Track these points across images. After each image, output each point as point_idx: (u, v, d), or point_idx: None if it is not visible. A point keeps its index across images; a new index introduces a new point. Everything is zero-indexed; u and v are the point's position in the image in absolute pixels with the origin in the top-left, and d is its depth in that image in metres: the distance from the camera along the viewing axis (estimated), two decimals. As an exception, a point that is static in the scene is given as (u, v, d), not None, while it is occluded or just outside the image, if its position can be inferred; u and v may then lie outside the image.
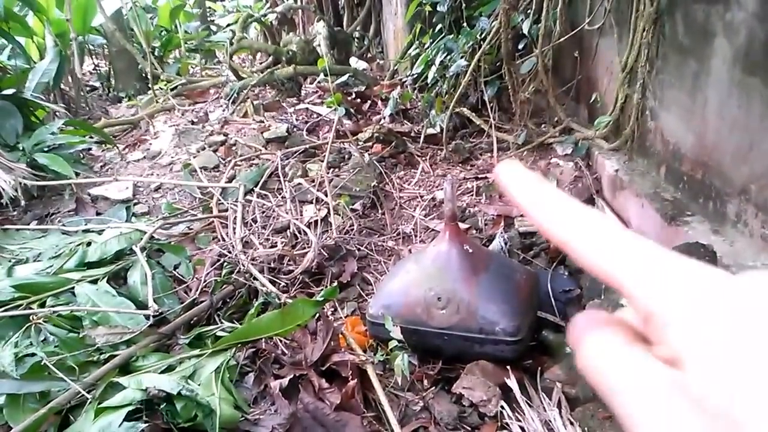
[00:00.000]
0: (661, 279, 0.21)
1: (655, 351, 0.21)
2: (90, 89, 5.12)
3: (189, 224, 2.36)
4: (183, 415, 1.29)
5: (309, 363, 1.51)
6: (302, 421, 1.38)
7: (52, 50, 3.81)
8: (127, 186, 2.71)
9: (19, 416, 1.33)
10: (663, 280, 0.21)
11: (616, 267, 0.23)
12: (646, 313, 0.22)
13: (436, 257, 1.61)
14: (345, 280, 1.99)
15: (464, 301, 1.53)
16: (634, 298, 0.22)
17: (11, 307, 1.68)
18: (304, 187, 2.46)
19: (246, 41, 4.42)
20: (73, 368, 1.43)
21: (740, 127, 1.56)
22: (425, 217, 2.35)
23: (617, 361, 0.22)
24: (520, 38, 2.58)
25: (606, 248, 0.23)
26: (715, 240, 1.63)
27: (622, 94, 2.13)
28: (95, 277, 1.87)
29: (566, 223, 0.24)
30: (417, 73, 3.27)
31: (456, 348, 1.56)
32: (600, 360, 0.22)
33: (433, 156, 2.82)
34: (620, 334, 0.23)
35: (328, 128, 3.09)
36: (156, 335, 1.59)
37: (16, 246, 2.21)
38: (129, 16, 4.70)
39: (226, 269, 1.96)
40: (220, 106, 3.76)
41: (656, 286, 0.21)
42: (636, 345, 0.22)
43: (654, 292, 0.21)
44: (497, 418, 1.40)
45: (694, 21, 1.74)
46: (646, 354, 0.21)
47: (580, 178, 2.36)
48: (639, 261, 0.22)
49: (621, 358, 0.22)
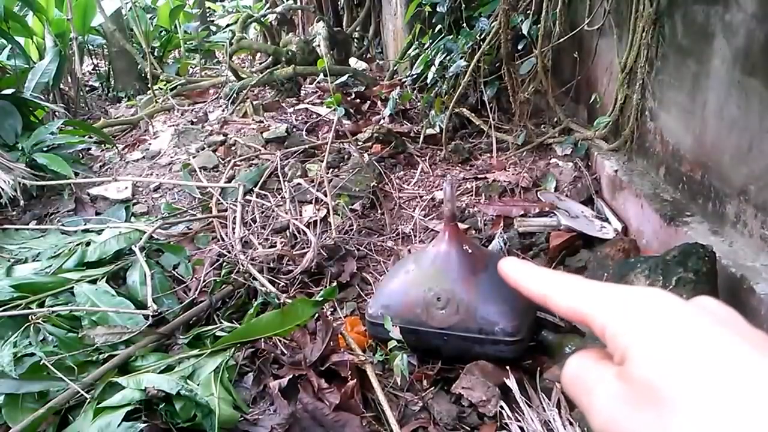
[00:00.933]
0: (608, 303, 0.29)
1: (614, 359, 0.28)
2: (89, 89, 5.13)
3: (188, 224, 2.36)
4: (182, 415, 1.28)
5: (308, 363, 1.51)
6: (301, 422, 1.37)
7: (51, 50, 3.81)
8: (126, 186, 2.71)
9: (18, 416, 1.33)
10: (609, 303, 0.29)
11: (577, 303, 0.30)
12: (601, 331, 0.28)
13: (436, 257, 1.61)
14: (344, 280, 1.99)
15: (464, 301, 1.53)
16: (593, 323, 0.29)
17: (10, 307, 1.68)
18: (303, 187, 2.46)
19: (245, 41, 4.42)
20: (72, 368, 1.43)
21: (739, 127, 1.56)
22: (425, 217, 2.35)
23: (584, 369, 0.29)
24: (520, 39, 2.58)
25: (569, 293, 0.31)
26: (714, 240, 1.63)
27: (621, 95, 2.13)
28: (94, 277, 1.87)
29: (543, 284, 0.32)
30: (416, 74, 3.27)
31: (455, 348, 1.56)
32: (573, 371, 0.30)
33: (432, 156, 2.81)
34: (593, 355, 0.30)
35: (328, 128, 3.09)
36: (155, 335, 1.59)
37: (15, 246, 2.21)
38: (128, 17, 4.70)
39: (226, 269, 1.95)
40: (220, 106, 3.75)
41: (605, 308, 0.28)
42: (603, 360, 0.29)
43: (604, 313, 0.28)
44: (496, 418, 1.40)
45: (693, 22, 1.74)
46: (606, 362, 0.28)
47: (579, 179, 2.36)
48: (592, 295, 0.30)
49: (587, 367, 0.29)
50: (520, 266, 0.35)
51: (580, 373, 0.29)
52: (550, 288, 0.32)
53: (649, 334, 0.26)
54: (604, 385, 0.27)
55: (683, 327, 0.25)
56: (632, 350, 0.26)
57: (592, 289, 0.30)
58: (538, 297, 0.32)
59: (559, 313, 0.31)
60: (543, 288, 0.32)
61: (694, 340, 0.24)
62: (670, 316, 0.26)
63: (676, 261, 1.46)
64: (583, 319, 0.29)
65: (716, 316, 0.26)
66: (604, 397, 0.26)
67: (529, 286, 0.33)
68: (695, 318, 0.25)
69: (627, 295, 0.28)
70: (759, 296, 1.41)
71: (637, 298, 0.28)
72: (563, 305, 0.30)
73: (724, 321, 0.26)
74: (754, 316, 1.43)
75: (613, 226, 2.08)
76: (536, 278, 0.33)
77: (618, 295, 0.29)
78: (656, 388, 0.24)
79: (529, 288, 0.33)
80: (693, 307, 0.26)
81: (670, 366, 0.24)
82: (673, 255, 1.48)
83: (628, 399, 0.25)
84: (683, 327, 0.25)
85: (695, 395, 0.23)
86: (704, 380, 0.23)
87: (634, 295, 0.28)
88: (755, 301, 1.42)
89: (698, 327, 0.25)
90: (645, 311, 0.27)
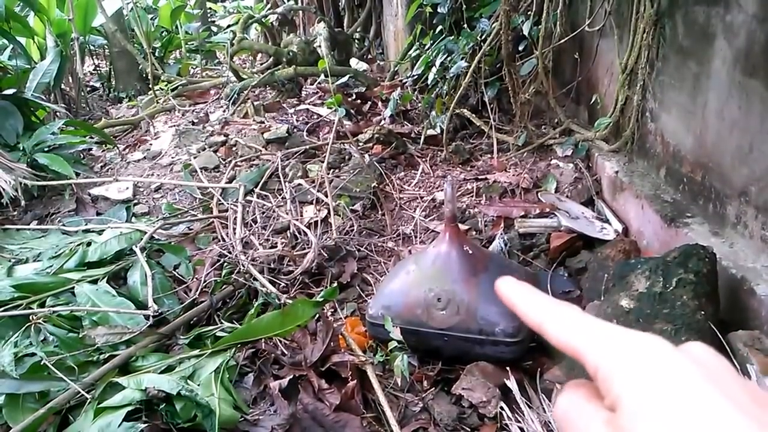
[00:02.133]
0: (603, 345, 0.30)
1: (605, 402, 0.29)
2: (90, 89, 5.13)
3: (189, 225, 2.36)
4: (182, 415, 1.28)
5: (309, 363, 1.51)
6: (302, 422, 1.37)
7: (52, 50, 3.82)
8: (127, 186, 2.71)
9: (19, 416, 1.33)
10: (604, 345, 0.29)
11: (573, 339, 0.31)
12: (594, 372, 0.29)
13: (436, 258, 1.61)
14: (345, 280, 1.99)
15: (464, 302, 1.53)
16: (586, 361, 0.30)
17: (11, 307, 1.68)
18: (304, 187, 2.46)
19: (246, 42, 4.42)
20: (73, 368, 1.43)
21: (740, 128, 1.56)
22: (425, 218, 2.35)
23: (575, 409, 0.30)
24: (521, 40, 2.58)
25: (565, 326, 0.32)
26: (715, 242, 1.63)
27: (622, 96, 2.13)
28: (95, 277, 1.87)
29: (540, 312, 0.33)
30: (417, 75, 3.27)
31: (456, 349, 1.56)
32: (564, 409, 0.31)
33: (433, 157, 2.82)
34: (584, 393, 0.31)
35: (329, 129, 3.09)
36: (156, 335, 1.59)
37: (16, 246, 2.21)
38: (130, 17, 4.71)
39: (226, 270, 1.96)
40: (221, 107, 3.76)
41: (599, 350, 0.29)
42: (594, 400, 0.30)
43: (598, 355, 0.29)
44: (497, 419, 1.40)
45: (694, 23, 1.74)
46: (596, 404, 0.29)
47: (579, 180, 2.36)
48: (588, 332, 0.31)
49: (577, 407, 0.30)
50: (517, 289, 0.35)
51: (572, 412, 0.30)
52: (547, 318, 0.33)
53: (641, 389, 0.27)
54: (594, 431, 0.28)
55: (676, 386, 0.26)
56: (624, 403, 0.27)
57: (588, 326, 0.31)
58: (533, 324, 0.33)
59: (552, 343, 0.32)
60: (540, 316, 0.33)
61: (686, 403, 0.25)
62: (664, 370, 0.27)
63: (677, 262, 1.46)
64: (576, 354, 0.31)
65: (709, 371, 0.27)
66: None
67: (525, 311, 0.34)
68: (688, 376, 0.27)
69: (622, 340, 0.29)
70: (759, 297, 1.41)
71: (631, 345, 0.29)
72: (558, 337, 0.32)
73: (716, 378, 0.27)
74: (754, 317, 1.43)
75: (613, 227, 2.08)
76: (533, 305, 0.34)
77: (613, 338, 0.30)
78: None
79: (525, 314, 0.34)
80: (687, 361, 0.27)
81: (660, 426, 0.25)
82: (673, 256, 1.48)
83: None
84: (676, 386, 0.26)
85: None
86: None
87: (629, 340, 0.29)
88: (756, 302, 1.42)
89: (691, 387, 0.26)
90: (639, 361, 0.28)
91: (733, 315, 1.48)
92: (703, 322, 1.34)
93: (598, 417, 0.28)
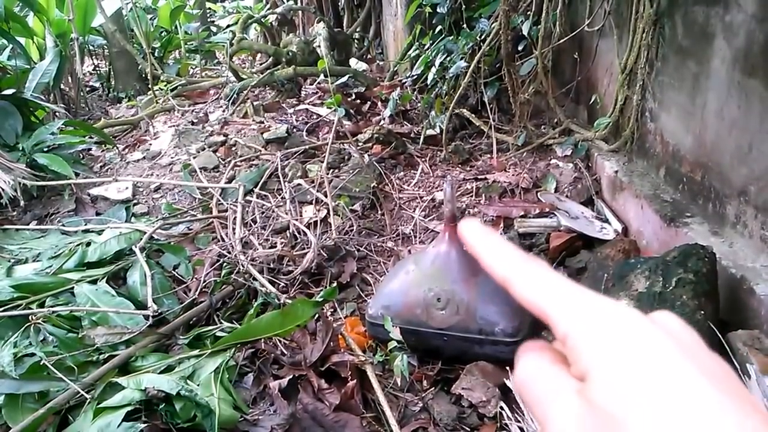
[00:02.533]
0: (573, 311, 0.28)
1: (572, 369, 0.28)
2: (90, 90, 5.13)
3: (188, 225, 2.36)
4: (182, 415, 1.28)
5: (308, 363, 1.51)
6: (301, 422, 1.37)
7: (52, 50, 3.82)
8: (126, 186, 2.71)
9: (18, 416, 1.33)
10: (575, 312, 0.28)
11: (542, 300, 0.29)
12: (563, 338, 0.28)
13: (436, 258, 1.61)
14: (344, 280, 1.99)
15: (463, 301, 1.53)
16: (554, 325, 0.28)
17: (10, 307, 1.68)
18: (303, 187, 2.46)
19: (246, 42, 4.42)
20: (72, 368, 1.43)
21: (740, 128, 1.56)
22: (425, 218, 2.35)
23: (540, 375, 0.29)
24: (520, 40, 2.58)
25: (535, 285, 0.30)
26: (714, 241, 1.63)
27: (621, 96, 2.13)
28: (95, 277, 1.87)
29: (508, 266, 0.31)
30: (417, 75, 3.27)
31: (455, 349, 1.56)
32: (528, 375, 0.29)
33: (432, 157, 2.82)
34: (549, 357, 0.29)
35: (328, 129, 3.09)
36: (155, 335, 1.59)
37: (15, 246, 2.21)
38: (129, 17, 4.70)
39: (226, 270, 1.95)
40: (220, 107, 3.76)
41: (570, 316, 0.28)
42: (559, 366, 0.28)
43: (568, 321, 0.28)
44: (496, 418, 1.40)
45: (693, 22, 1.74)
46: (563, 371, 0.28)
47: (579, 180, 2.36)
48: (559, 296, 0.29)
49: (543, 374, 0.28)
50: (483, 235, 0.33)
51: (537, 380, 0.29)
52: (515, 273, 0.31)
53: (614, 359, 0.26)
54: (564, 402, 0.26)
55: (649, 357, 0.25)
56: (596, 373, 0.26)
57: (559, 287, 0.29)
58: (499, 277, 0.31)
59: (518, 299, 0.30)
60: (507, 270, 0.31)
61: (660, 375, 0.25)
62: (636, 340, 0.26)
63: (676, 262, 1.46)
64: (543, 316, 0.29)
65: (681, 344, 0.26)
66: (563, 416, 0.26)
67: (491, 262, 0.32)
68: (661, 348, 0.26)
69: (594, 307, 0.28)
70: (759, 297, 1.41)
71: (604, 313, 0.27)
72: (525, 296, 0.30)
73: (690, 352, 0.26)
74: (754, 317, 1.43)
75: (613, 226, 2.08)
76: (500, 256, 0.32)
77: (585, 304, 0.28)
78: (618, 421, 0.24)
79: (491, 265, 0.32)
80: (661, 334, 0.27)
81: (634, 400, 0.24)
82: (673, 256, 1.48)
83: (588, 424, 0.25)
84: (649, 357, 0.25)
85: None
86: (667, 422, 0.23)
87: (601, 309, 0.28)
88: (755, 301, 1.42)
89: (664, 359, 0.25)
90: (612, 331, 0.27)
91: (732, 314, 1.48)
92: (702, 321, 1.34)
93: (568, 386, 0.27)
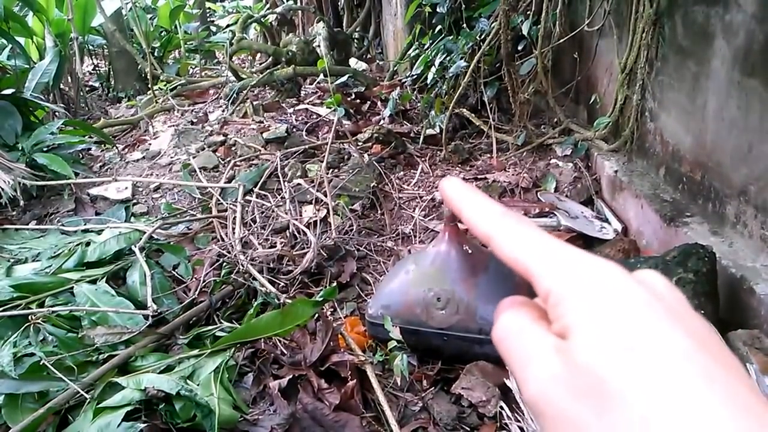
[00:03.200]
0: (557, 267, 0.27)
1: (553, 327, 0.27)
2: (89, 89, 5.13)
3: (188, 224, 2.36)
4: (182, 415, 1.28)
5: (308, 363, 1.50)
6: (301, 422, 1.37)
7: (51, 50, 3.82)
8: (126, 186, 2.71)
9: (18, 416, 1.33)
10: (558, 268, 0.27)
11: (525, 256, 0.28)
12: (545, 295, 0.27)
13: (436, 258, 1.61)
14: (344, 280, 1.99)
15: (463, 301, 1.53)
16: (536, 282, 0.27)
17: (10, 307, 1.68)
18: (303, 187, 2.46)
19: (246, 42, 4.42)
20: (72, 368, 1.43)
21: (739, 128, 1.56)
22: (424, 217, 2.35)
23: (519, 332, 0.28)
24: (520, 39, 2.58)
25: (518, 241, 0.29)
26: (714, 241, 1.63)
27: (621, 95, 2.13)
28: (94, 277, 1.87)
29: (490, 222, 0.30)
30: (416, 74, 3.27)
31: (455, 348, 1.56)
32: (507, 331, 0.28)
33: (432, 157, 2.82)
34: (529, 314, 0.28)
35: (328, 129, 3.09)
36: (155, 335, 1.59)
37: (15, 246, 2.21)
38: (129, 17, 4.70)
39: (225, 269, 1.95)
40: (220, 107, 3.76)
41: (553, 272, 0.27)
42: (540, 322, 0.27)
43: (551, 277, 0.27)
44: (496, 418, 1.40)
45: (693, 22, 1.74)
46: (543, 328, 0.27)
47: (579, 179, 2.37)
48: (542, 252, 0.28)
49: (523, 330, 0.27)
50: (464, 192, 0.32)
51: (516, 334, 0.28)
52: (497, 229, 0.29)
53: (597, 317, 0.25)
54: (544, 360, 0.25)
55: (634, 317, 0.24)
56: (578, 331, 0.25)
57: (543, 243, 0.28)
58: (481, 234, 0.30)
59: (500, 256, 0.29)
60: (489, 227, 0.30)
61: (644, 336, 0.24)
62: (622, 300, 0.25)
63: (676, 261, 1.46)
64: (525, 273, 0.28)
65: (667, 304, 0.25)
66: (542, 374, 0.25)
67: (472, 220, 0.31)
68: (645, 305, 0.25)
69: (578, 263, 0.27)
70: (759, 296, 1.41)
71: (588, 270, 0.26)
72: (507, 252, 0.29)
73: (676, 313, 0.25)
74: (754, 316, 1.43)
75: (613, 226, 2.08)
76: (482, 213, 0.30)
77: (568, 261, 0.27)
78: (601, 379, 0.23)
79: (472, 223, 0.31)
80: (642, 290, 0.25)
81: (617, 360, 0.23)
82: (673, 255, 1.48)
83: (569, 383, 0.24)
84: (634, 317, 0.24)
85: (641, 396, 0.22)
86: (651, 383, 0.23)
87: (585, 265, 0.27)
88: (755, 301, 1.42)
89: (649, 319, 0.24)
90: (596, 289, 0.25)
91: (732, 314, 1.48)
92: (702, 321, 1.34)
93: (547, 342, 0.26)
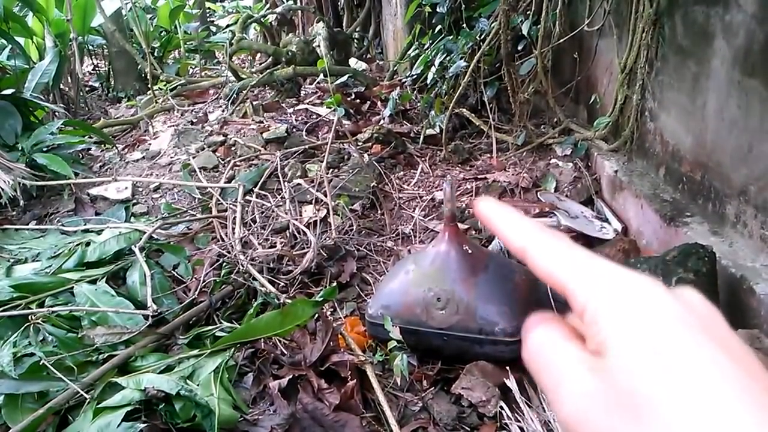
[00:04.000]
0: (592, 283, 0.27)
1: (587, 345, 0.26)
2: (89, 89, 5.12)
3: (188, 224, 2.36)
4: (182, 415, 1.28)
5: (308, 363, 1.50)
6: (301, 422, 1.37)
7: (51, 50, 3.82)
8: (126, 186, 2.71)
9: (18, 416, 1.33)
10: (594, 284, 0.27)
11: (560, 271, 0.28)
12: (581, 311, 0.26)
13: (436, 258, 1.61)
14: (344, 280, 1.99)
15: (463, 301, 1.53)
16: (572, 297, 0.27)
17: (10, 307, 1.68)
18: (303, 187, 2.46)
19: (245, 42, 4.41)
20: (72, 368, 1.43)
21: (739, 128, 1.56)
22: (424, 217, 2.35)
23: (552, 350, 0.27)
24: (520, 39, 2.58)
25: (553, 256, 0.28)
26: (714, 241, 1.63)
27: (621, 95, 2.13)
28: (94, 277, 1.87)
29: (525, 237, 0.30)
30: (416, 74, 3.27)
31: (455, 348, 1.56)
32: (539, 349, 0.28)
33: (432, 156, 2.82)
34: (561, 331, 0.28)
35: (328, 129, 3.09)
36: (155, 335, 1.59)
37: (15, 246, 2.21)
38: (128, 17, 4.70)
39: (225, 269, 1.95)
40: (220, 107, 3.75)
41: (588, 289, 0.26)
42: (572, 340, 0.27)
43: (586, 294, 0.26)
44: (496, 418, 1.40)
45: (693, 22, 1.74)
46: (577, 346, 0.26)
47: (579, 179, 2.36)
48: (578, 267, 0.27)
49: (556, 348, 0.27)
50: (499, 210, 0.32)
51: (549, 352, 0.27)
52: (532, 242, 0.29)
53: (633, 333, 0.24)
54: (577, 377, 0.25)
55: (671, 332, 0.24)
56: (613, 347, 0.24)
57: (578, 258, 0.28)
58: (516, 249, 0.30)
59: (535, 271, 0.29)
60: (524, 241, 0.30)
61: (682, 355, 0.23)
62: (658, 315, 0.25)
63: (676, 261, 1.46)
64: (561, 288, 0.28)
65: (704, 322, 0.25)
66: (576, 392, 0.25)
67: (508, 235, 0.31)
68: (683, 323, 0.24)
69: (614, 278, 0.27)
70: (759, 296, 1.41)
71: (625, 286, 0.26)
72: (543, 267, 0.28)
73: (713, 331, 0.25)
74: (753, 316, 1.43)
75: (613, 226, 2.08)
76: (517, 227, 0.31)
77: (604, 276, 0.27)
78: (637, 397, 0.23)
79: (507, 238, 0.31)
80: (680, 307, 0.25)
81: (654, 379, 0.23)
82: (673, 255, 1.48)
83: (604, 401, 0.24)
84: (671, 332, 0.24)
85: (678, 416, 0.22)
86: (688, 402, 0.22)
87: (622, 280, 0.26)
88: (755, 301, 1.42)
89: (685, 335, 0.24)
90: (633, 305, 0.25)
91: (732, 314, 1.48)
92: (702, 321, 1.34)
93: (582, 361, 0.25)
